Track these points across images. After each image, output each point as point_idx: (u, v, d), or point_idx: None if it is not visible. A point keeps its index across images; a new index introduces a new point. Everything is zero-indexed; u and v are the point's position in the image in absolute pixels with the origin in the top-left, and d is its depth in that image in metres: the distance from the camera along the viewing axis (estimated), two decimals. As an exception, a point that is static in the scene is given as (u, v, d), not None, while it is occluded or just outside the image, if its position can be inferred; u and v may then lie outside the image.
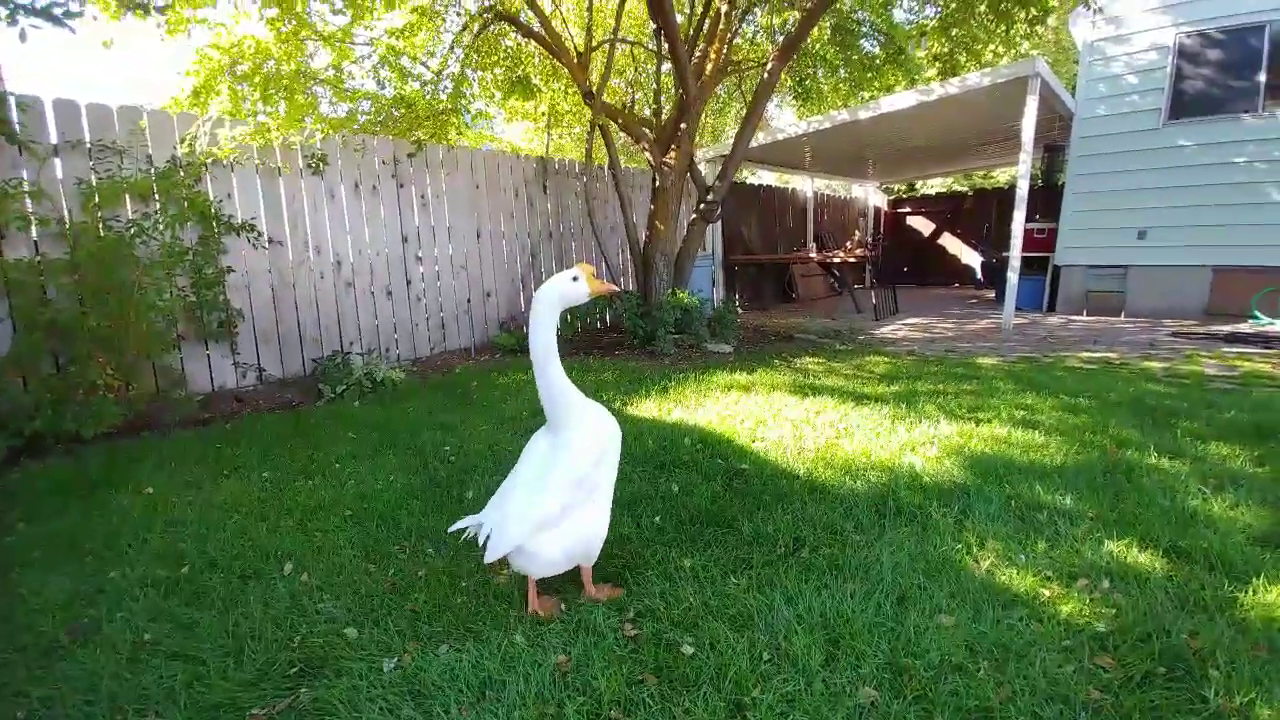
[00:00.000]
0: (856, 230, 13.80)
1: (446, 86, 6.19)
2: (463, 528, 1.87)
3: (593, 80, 6.66)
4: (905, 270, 13.83)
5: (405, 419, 3.90)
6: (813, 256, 10.41)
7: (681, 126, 6.44)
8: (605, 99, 6.83)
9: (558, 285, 1.79)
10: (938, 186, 17.82)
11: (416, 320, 6.15)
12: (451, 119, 6.17)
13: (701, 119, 7.86)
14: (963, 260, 13.76)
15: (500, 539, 1.74)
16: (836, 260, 10.21)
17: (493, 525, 1.78)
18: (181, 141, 4.40)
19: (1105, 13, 7.28)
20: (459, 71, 6.28)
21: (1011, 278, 6.96)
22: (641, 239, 6.86)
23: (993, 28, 6.91)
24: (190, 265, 4.32)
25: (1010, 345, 6.09)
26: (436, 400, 4.41)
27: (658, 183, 6.59)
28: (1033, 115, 6.48)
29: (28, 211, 3.67)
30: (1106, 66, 7.67)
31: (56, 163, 3.92)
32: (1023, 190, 6.74)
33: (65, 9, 2.84)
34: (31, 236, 3.77)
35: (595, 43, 7.00)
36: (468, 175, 6.52)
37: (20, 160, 3.73)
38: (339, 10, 5.17)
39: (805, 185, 12.97)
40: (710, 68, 6.55)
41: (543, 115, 9.44)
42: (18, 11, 2.72)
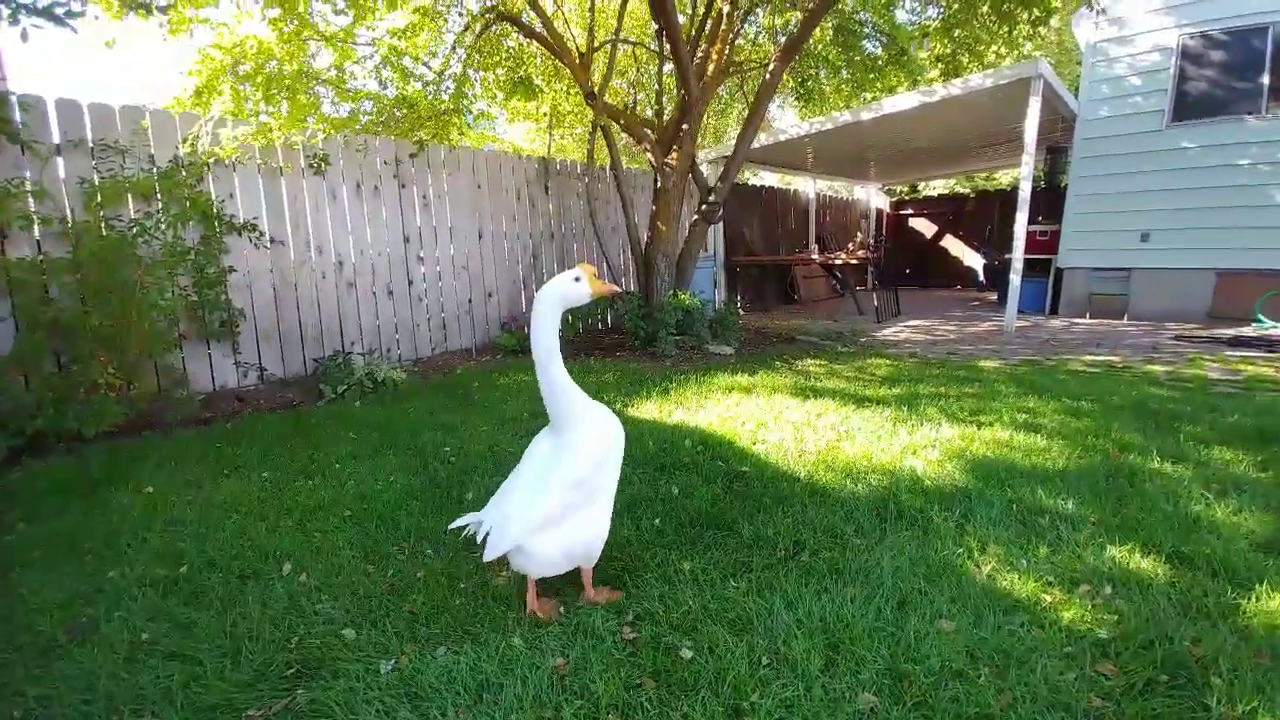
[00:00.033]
0: (858, 232, 13.80)
1: (448, 87, 6.19)
2: (462, 525, 1.87)
3: (595, 81, 6.66)
4: (907, 272, 13.82)
5: (406, 419, 3.90)
6: (815, 258, 10.40)
7: (683, 127, 6.43)
8: (607, 100, 6.84)
9: (559, 286, 1.78)
10: (940, 188, 17.81)
11: (418, 320, 6.15)
12: (453, 119, 6.18)
13: (703, 120, 7.87)
14: (965, 262, 13.74)
15: (499, 537, 1.74)
16: (838, 262, 10.21)
17: (492, 524, 1.78)
18: (184, 141, 4.41)
19: (1108, 14, 7.25)
20: (461, 72, 6.28)
21: (1014, 280, 6.94)
22: (643, 240, 6.85)
23: (995, 29, 6.90)
24: (192, 265, 4.33)
25: (1012, 348, 6.08)
26: (437, 401, 4.41)
27: (659, 183, 6.59)
28: (1035, 116, 6.47)
29: (30, 211, 3.68)
30: (1109, 68, 7.65)
31: (59, 162, 3.93)
32: (1025, 192, 6.73)
33: (67, 9, 2.84)
34: (34, 235, 3.77)
35: (597, 43, 7.00)
36: (469, 176, 6.52)
37: (23, 160, 3.74)
38: (341, 10, 5.19)
39: (807, 186, 12.96)
40: (712, 68, 6.55)
41: (545, 116, 9.46)
42: (19, 11, 2.72)
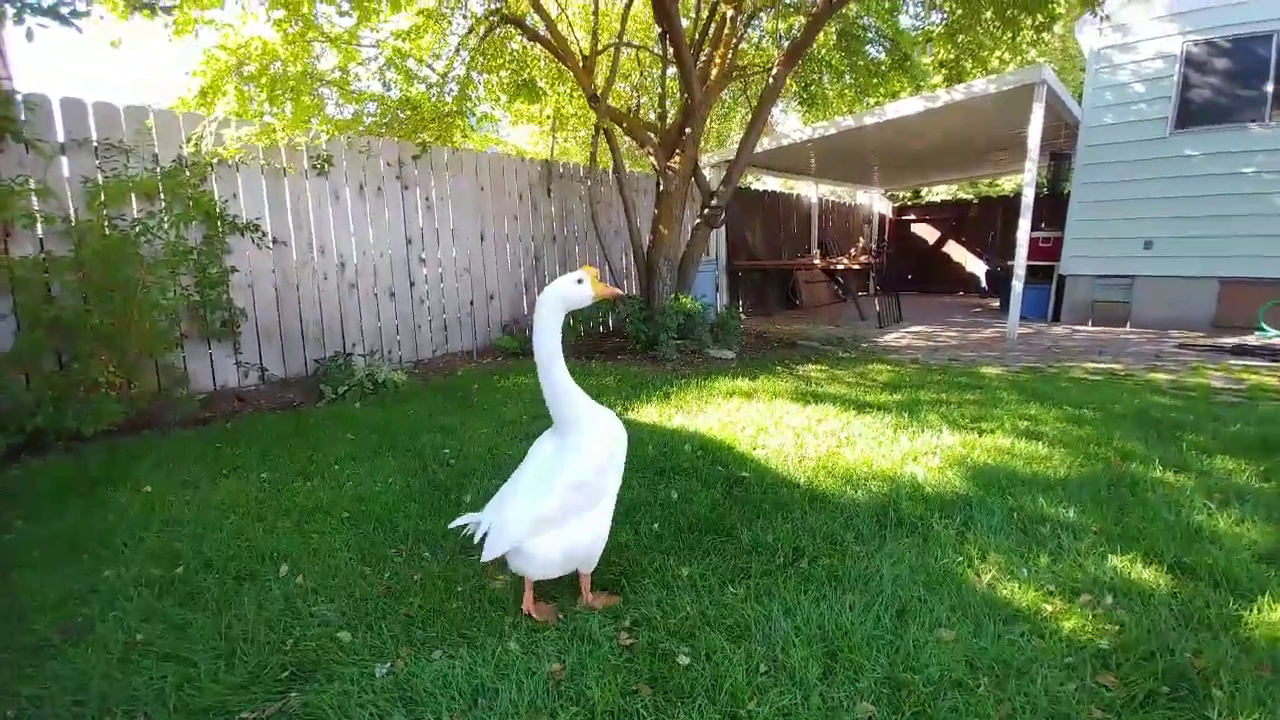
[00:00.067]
0: (861, 237, 13.78)
1: (452, 89, 6.20)
2: (462, 524, 1.86)
3: (598, 84, 6.67)
4: (909, 278, 13.81)
5: (405, 421, 3.90)
6: (817, 263, 10.40)
7: (686, 131, 6.44)
8: (610, 103, 6.84)
9: (562, 288, 1.78)
10: (943, 194, 17.80)
11: (419, 322, 6.15)
12: (457, 121, 6.19)
13: (706, 124, 7.86)
14: (967, 268, 13.73)
15: (498, 537, 1.73)
16: (841, 267, 10.20)
17: (491, 524, 1.77)
18: (187, 141, 4.42)
19: (1112, 21, 7.25)
20: (464, 74, 6.29)
21: (1016, 286, 6.92)
22: (645, 243, 6.85)
23: (999, 35, 6.91)
24: (194, 264, 4.33)
25: (1014, 355, 6.06)
26: (437, 402, 4.41)
27: (662, 187, 6.59)
28: (1039, 123, 6.47)
29: (34, 209, 3.68)
30: (1113, 75, 7.65)
31: (63, 161, 3.94)
32: (1028, 198, 6.72)
33: (72, 8, 2.85)
34: (37, 234, 3.78)
35: (600, 46, 7.01)
36: (472, 178, 6.53)
37: (27, 158, 3.74)
38: (345, 12, 5.20)
39: (810, 191, 12.96)
40: (715, 72, 6.56)
41: (548, 119, 9.47)
42: (25, 10, 2.73)
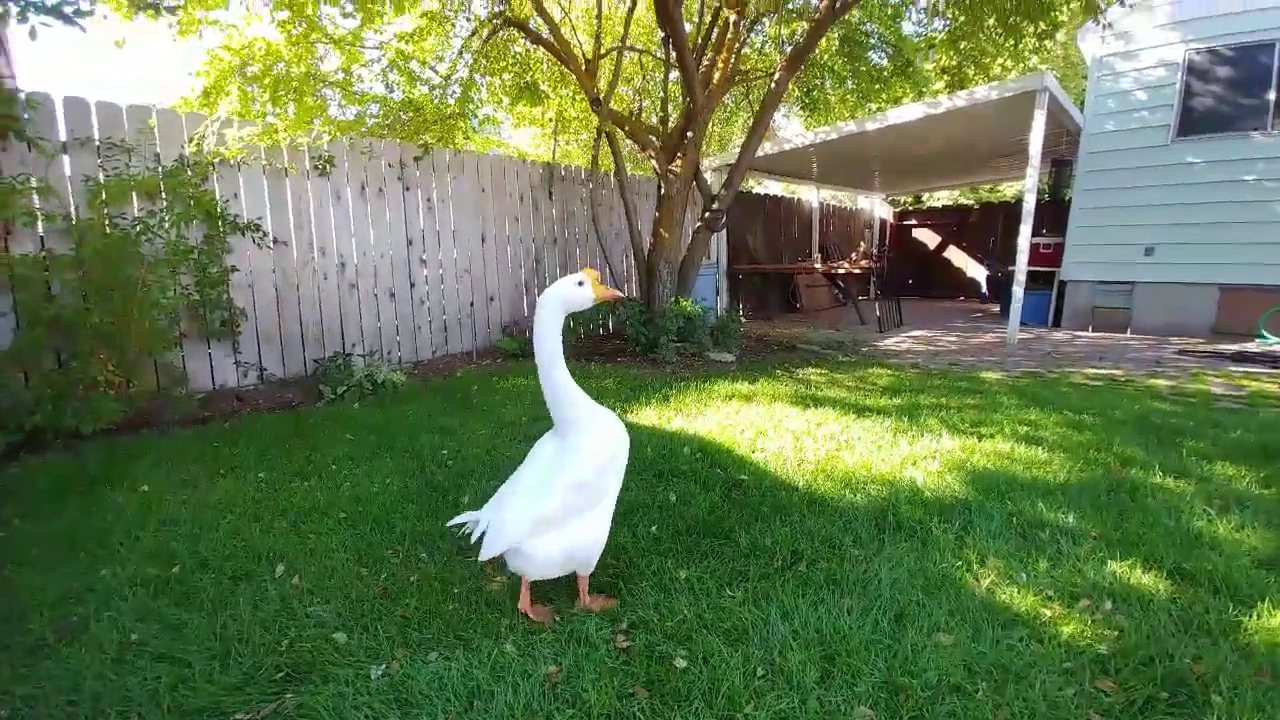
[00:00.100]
0: (862, 241, 13.79)
1: (454, 91, 6.22)
2: (460, 523, 1.85)
3: (600, 87, 6.68)
4: (910, 282, 13.82)
5: (404, 422, 3.89)
6: (817, 267, 10.41)
7: (688, 135, 6.45)
8: (612, 106, 6.85)
9: (563, 290, 1.78)
10: (944, 199, 17.79)
11: (419, 323, 6.15)
12: (459, 123, 6.20)
13: (708, 128, 7.88)
14: (968, 273, 13.74)
15: (496, 537, 1.72)
16: (841, 271, 10.21)
17: (490, 523, 1.76)
18: (189, 141, 4.43)
19: (1115, 28, 7.26)
20: (467, 76, 6.31)
21: (1017, 292, 6.92)
22: (646, 246, 6.86)
23: (1001, 41, 6.92)
24: (195, 264, 4.34)
25: (1015, 360, 6.05)
26: (436, 403, 4.40)
27: (663, 190, 6.60)
28: (1040, 129, 6.47)
29: (35, 207, 3.69)
30: (1115, 82, 7.66)
31: (65, 159, 3.95)
32: (1029, 204, 6.72)
33: (76, 7, 2.85)
34: (38, 232, 3.78)
35: (603, 50, 7.03)
36: (474, 179, 6.54)
37: (29, 156, 3.75)
38: (349, 14, 5.22)
39: (811, 195, 12.97)
40: (718, 77, 6.57)
41: (550, 121, 9.48)
42: (28, 9, 2.73)
